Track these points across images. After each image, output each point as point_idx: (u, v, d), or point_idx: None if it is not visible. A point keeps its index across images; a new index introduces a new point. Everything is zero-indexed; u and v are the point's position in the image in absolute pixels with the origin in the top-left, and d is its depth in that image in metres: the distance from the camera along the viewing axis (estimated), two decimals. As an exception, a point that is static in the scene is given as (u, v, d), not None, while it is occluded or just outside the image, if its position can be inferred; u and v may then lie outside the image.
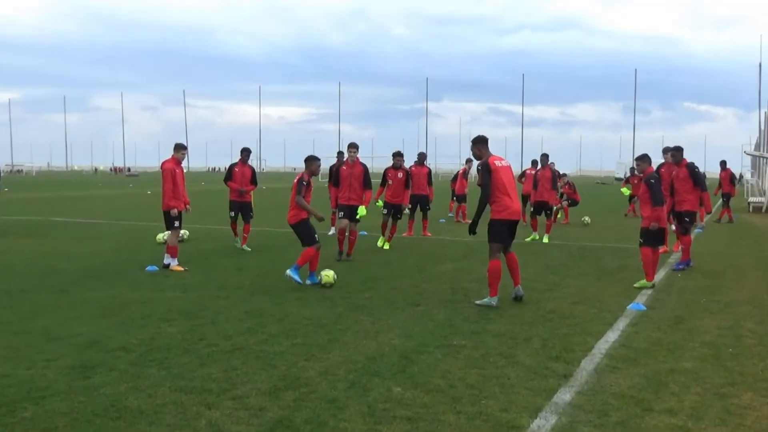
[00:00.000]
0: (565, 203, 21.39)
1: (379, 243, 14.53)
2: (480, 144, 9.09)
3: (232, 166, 14.49)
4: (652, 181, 10.18)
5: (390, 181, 14.69)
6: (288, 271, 10.06)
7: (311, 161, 10.52)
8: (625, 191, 23.70)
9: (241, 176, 14.32)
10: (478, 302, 8.82)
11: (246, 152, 14.42)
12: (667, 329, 7.63)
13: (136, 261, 12.39)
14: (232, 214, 14.45)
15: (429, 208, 17.82)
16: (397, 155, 14.73)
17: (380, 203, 14.86)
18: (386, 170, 14.93)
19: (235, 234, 14.64)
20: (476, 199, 9.10)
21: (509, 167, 8.98)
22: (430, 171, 18.12)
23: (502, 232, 8.80)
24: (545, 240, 16.41)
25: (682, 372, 6.04)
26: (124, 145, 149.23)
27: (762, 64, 62.94)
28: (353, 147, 12.97)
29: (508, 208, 8.72)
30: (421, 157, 18.14)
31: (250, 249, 14.05)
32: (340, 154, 16.86)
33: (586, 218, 21.56)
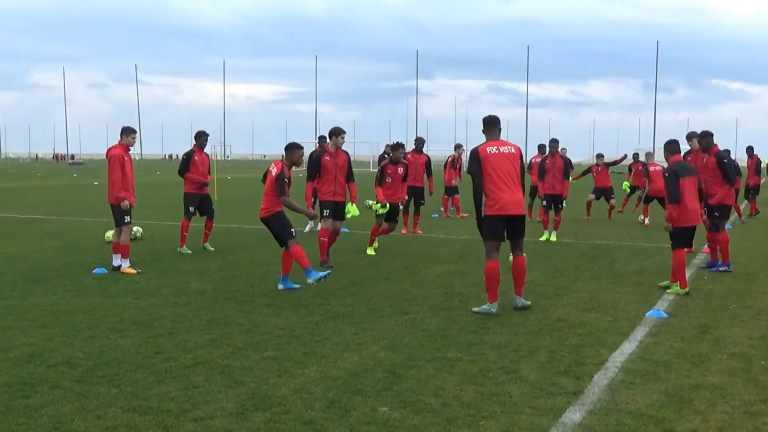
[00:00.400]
0: (639, 192, 21.44)
1: (369, 251, 14.00)
2: (484, 127, 9.20)
3: (189, 155, 14.08)
4: (666, 174, 10.22)
5: (389, 179, 14.20)
6: (279, 286, 10.17)
7: (293, 150, 10.41)
8: (626, 186, 23.64)
9: (202, 165, 14.15)
10: (475, 309, 8.88)
11: (203, 137, 14.27)
12: (691, 339, 7.71)
13: (81, 262, 12.37)
14: (192, 209, 14.02)
15: (423, 203, 17.79)
16: (398, 147, 14.27)
17: (384, 208, 13.55)
18: (384, 165, 14.35)
19: (183, 242, 13.83)
20: (470, 191, 9.17)
21: (509, 154, 8.93)
22: (429, 159, 18.00)
23: (496, 229, 8.85)
24: (553, 238, 16.49)
25: (707, 388, 6.11)
26: (66, 129, 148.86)
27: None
28: (342, 132, 12.58)
29: (498, 202, 8.75)
30: (419, 144, 18.01)
31: (213, 249, 14.04)
32: (322, 139, 16.42)
33: (644, 218, 21.45)
